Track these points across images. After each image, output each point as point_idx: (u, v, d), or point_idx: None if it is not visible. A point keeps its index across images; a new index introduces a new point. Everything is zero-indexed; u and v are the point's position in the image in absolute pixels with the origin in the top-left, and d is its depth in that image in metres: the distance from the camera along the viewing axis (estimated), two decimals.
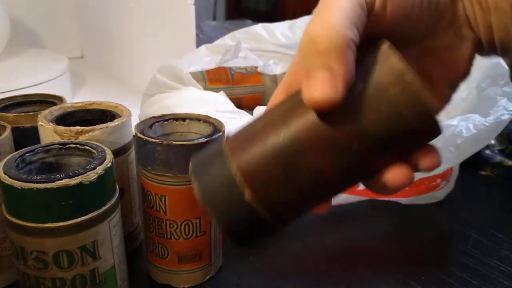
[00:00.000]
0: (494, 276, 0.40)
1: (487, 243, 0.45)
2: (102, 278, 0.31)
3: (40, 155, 0.31)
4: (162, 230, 0.36)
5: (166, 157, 0.33)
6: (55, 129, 0.34)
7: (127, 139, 0.38)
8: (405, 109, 0.22)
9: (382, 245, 0.44)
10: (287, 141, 0.23)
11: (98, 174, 0.28)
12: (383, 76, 0.22)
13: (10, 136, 0.35)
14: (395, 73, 0.22)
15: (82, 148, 0.32)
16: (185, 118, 0.38)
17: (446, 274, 0.40)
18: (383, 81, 0.22)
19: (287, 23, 0.60)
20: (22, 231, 0.28)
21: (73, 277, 0.29)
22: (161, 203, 0.35)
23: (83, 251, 0.29)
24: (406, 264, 0.41)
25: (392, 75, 0.22)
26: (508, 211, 0.52)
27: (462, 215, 0.50)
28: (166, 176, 0.34)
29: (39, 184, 0.26)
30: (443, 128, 0.23)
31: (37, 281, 0.29)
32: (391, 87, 0.22)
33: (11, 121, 0.39)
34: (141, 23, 0.85)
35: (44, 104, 0.43)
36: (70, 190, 0.27)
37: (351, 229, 0.47)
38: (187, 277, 0.38)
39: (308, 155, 0.23)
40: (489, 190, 0.56)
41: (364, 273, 0.40)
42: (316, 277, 0.40)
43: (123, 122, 0.37)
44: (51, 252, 0.28)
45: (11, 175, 0.27)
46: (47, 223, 0.27)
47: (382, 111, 0.22)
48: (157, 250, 0.37)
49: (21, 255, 0.29)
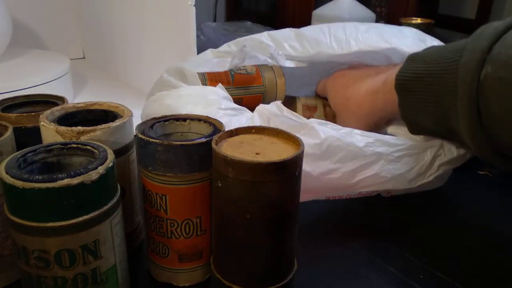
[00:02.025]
0: (494, 276, 0.40)
1: (486, 242, 0.45)
2: (104, 277, 0.31)
3: (42, 155, 0.32)
4: (163, 229, 0.36)
5: (166, 157, 0.33)
6: (57, 129, 0.34)
7: (128, 139, 0.38)
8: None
9: (381, 245, 0.45)
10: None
11: (99, 173, 0.28)
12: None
13: (12, 136, 0.35)
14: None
15: (83, 148, 0.32)
16: (186, 118, 0.38)
17: (445, 274, 0.40)
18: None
19: (293, 31, 0.59)
20: (24, 231, 0.28)
21: (74, 276, 0.29)
22: (162, 202, 0.35)
23: (85, 250, 0.29)
24: (405, 264, 0.42)
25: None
26: (506, 211, 0.52)
27: (460, 215, 0.50)
28: (167, 176, 0.34)
29: (41, 183, 0.27)
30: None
31: (38, 280, 0.29)
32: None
33: (13, 121, 0.39)
34: (142, 24, 0.85)
35: (46, 105, 0.44)
36: (71, 190, 0.27)
37: (349, 227, 0.48)
38: (188, 275, 0.38)
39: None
40: (487, 190, 0.57)
41: (363, 272, 0.40)
42: (311, 275, 0.40)
43: (125, 122, 0.37)
44: (52, 251, 0.28)
45: (13, 174, 0.27)
46: (49, 222, 0.28)
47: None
48: (158, 249, 0.37)
49: (23, 254, 0.29)
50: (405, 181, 0.47)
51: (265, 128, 0.35)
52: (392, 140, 0.46)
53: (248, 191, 0.30)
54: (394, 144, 0.46)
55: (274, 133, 0.35)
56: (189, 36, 0.71)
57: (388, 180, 0.46)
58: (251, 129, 0.35)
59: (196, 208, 0.35)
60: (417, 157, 0.47)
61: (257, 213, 0.31)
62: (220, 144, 0.33)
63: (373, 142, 0.45)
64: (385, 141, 0.46)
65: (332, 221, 0.49)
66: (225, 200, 0.32)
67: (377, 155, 0.45)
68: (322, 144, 0.43)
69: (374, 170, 0.45)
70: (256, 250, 0.32)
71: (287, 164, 0.30)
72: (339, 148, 0.44)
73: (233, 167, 0.30)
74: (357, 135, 0.45)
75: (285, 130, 0.35)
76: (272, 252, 0.32)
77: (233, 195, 0.31)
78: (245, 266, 0.33)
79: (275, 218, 0.31)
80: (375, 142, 0.45)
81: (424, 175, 0.47)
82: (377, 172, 0.45)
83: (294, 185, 0.32)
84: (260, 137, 0.34)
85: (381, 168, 0.45)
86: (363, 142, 0.45)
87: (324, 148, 0.43)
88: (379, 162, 0.45)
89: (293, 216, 0.32)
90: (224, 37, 1.16)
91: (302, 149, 0.31)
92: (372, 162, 0.45)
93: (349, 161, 0.44)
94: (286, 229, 0.32)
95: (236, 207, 0.31)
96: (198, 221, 0.36)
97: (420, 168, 0.47)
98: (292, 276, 0.35)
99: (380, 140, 0.46)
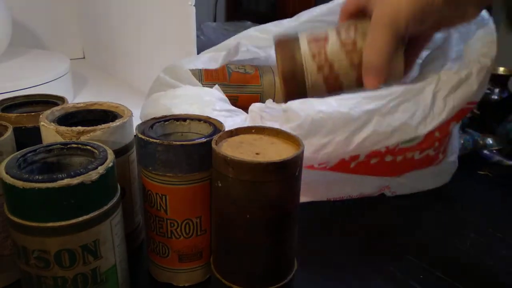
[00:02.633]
0: (493, 276, 0.40)
1: (486, 242, 0.45)
2: (104, 277, 0.31)
3: (42, 155, 0.32)
4: (163, 229, 0.36)
5: (166, 157, 0.33)
6: (57, 129, 0.34)
7: (128, 139, 0.38)
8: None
9: (381, 245, 0.45)
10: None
11: (99, 174, 0.28)
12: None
13: (12, 136, 0.35)
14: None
15: (83, 148, 0.32)
16: (186, 118, 0.38)
17: (445, 273, 0.40)
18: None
19: (287, 21, 0.59)
20: (24, 231, 0.28)
21: (74, 276, 0.29)
22: (162, 202, 0.35)
23: (85, 250, 0.29)
24: (405, 264, 0.42)
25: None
26: (506, 211, 0.52)
27: (461, 215, 0.50)
28: (167, 176, 0.34)
29: (41, 183, 0.27)
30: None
31: (38, 280, 0.29)
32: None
33: (13, 121, 0.39)
34: (142, 24, 0.85)
35: (46, 105, 0.44)
36: (71, 190, 0.27)
37: (349, 227, 0.48)
38: (188, 275, 0.38)
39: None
40: (487, 190, 0.57)
41: (363, 273, 0.40)
42: (312, 275, 0.40)
43: (124, 122, 0.37)
44: (52, 251, 0.28)
45: (13, 174, 0.27)
46: (49, 222, 0.28)
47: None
48: (158, 249, 0.37)
49: (23, 254, 0.29)
50: (411, 129, 0.44)
51: (265, 128, 0.35)
52: (381, 92, 0.43)
53: (248, 191, 0.30)
54: (383, 96, 0.43)
55: (274, 133, 0.35)
56: (189, 36, 0.71)
57: (391, 134, 0.43)
58: (251, 129, 0.35)
59: (196, 208, 0.35)
60: (415, 100, 0.43)
61: (257, 213, 0.31)
62: (220, 144, 0.33)
63: (358, 102, 0.43)
64: (373, 96, 0.43)
65: (333, 221, 0.49)
66: (225, 200, 0.32)
67: (368, 113, 0.43)
68: (304, 123, 0.42)
69: (370, 129, 0.43)
70: (256, 250, 0.32)
71: (287, 164, 0.30)
72: (323, 120, 0.42)
73: (233, 167, 0.30)
74: (340, 100, 0.42)
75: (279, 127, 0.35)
76: (272, 252, 0.32)
77: (233, 195, 0.31)
78: (245, 266, 0.33)
79: (275, 218, 0.31)
80: (360, 101, 0.43)
81: (432, 116, 0.44)
82: (374, 129, 0.43)
83: (294, 185, 0.32)
84: (260, 137, 0.34)
85: (378, 124, 0.43)
86: (348, 106, 0.42)
87: (307, 126, 0.42)
88: (372, 119, 0.43)
89: (293, 216, 0.32)
90: (224, 37, 1.16)
91: (302, 149, 0.31)
92: (365, 122, 0.43)
93: (338, 129, 0.42)
94: (286, 229, 0.32)
95: (236, 207, 0.31)
96: (198, 221, 0.36)
97: (424, 110, 0.43)
98: (292, 276, 0.35)
99: (366, 97, 0.43)
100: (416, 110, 0.44)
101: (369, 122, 0.43)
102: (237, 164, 0.30)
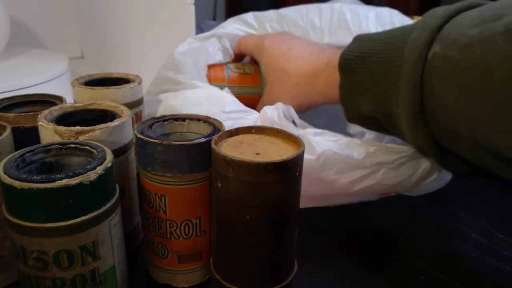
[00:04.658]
0: (493, 276, 0.40)
1: (487, 243, 0.45)
2: (102, 277, 0.31)
3: (40, 155, 0.31)
4: (162, 229, 0.36)
5: (166, 157, 0.33)
6: (55, 129, 0.34)
7: (127, 139, 0.38)
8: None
9: (381, 245, 0.44)
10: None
11: (98, 174, 0.28)
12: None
13: (10, 136, 0.35)
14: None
15: (82, 148, 0.32)
16: (185, 118, 0.38)
17: (445, 274, 0.40)
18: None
19: (275, 13, 0.60)
20: (22, 231, 0.28)
21: (73, 277, 0.29)
22: (161, 203, 0.35)
23: (83, 251, 0.29)
24: (405, 264, 0.41)
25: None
26: (507, 211, 0.52)
27: (461, 215, 0.50)
28: (166, 176, 0.34)
29: (39, 184, 0.26)
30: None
31: (37, 281, 0.29)
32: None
33: (11, 121, 0.39)
34: (141, 23, 0.85)
35: (44, 104, 0.43)
36: (70, 190, 0.27)
37: (349, 228, 0.47)
38: (187, 276, 0.38)
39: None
40: (488, 190, 0.57)
41: (363, 273, 0.40)
42: (312, 276, 0.40)
43: (123, 122, 0.37)
44: (51, 252, 0.28)
45: (11, 175, 0.27)
46: (47, 223, 0.27)
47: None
48: (157, 249, 0.37)
49: (21, 255, 0.29)
50: (408, 185, 0.45)
51: (265, 128, 0.35)
52: (396, 148, 0.45)
53: (248, 191, 0.30)
54: (397, 152, 0.44)
55: (274, 133, 0.34)
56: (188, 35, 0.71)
57: (390, 187, 0.45)
58: (251, 129, 0.35)
59: (196, 209, 0.35)
60: (418, 161, 0.45)
61: (257, 214, 0.31)
62: (219, 144, 0.33)
63: (374, 152, 0.44)
64: (388, 149, 0.44)
65: (333, 222, 0.48)
66: (224, 201, 0.31)
67: (378, 164, 0.44)
68: (318, 160, 0.43)
69: (375, 180, 0.44)
70: (256, 251, 0.32)
71: (287, 164, 0.30)
72: (336, 161, 0.43)
73: (233, 167, 0.29)
74: (356, 145, 0.44)
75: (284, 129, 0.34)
76: (272, 253, 0.32)
77: (233, 195, 0.31)
78: (245, 267, 0.33)
79: (275, 219, 0.31)
80: (376, 151, 0.44)
81: (428, 176, 0.46)
82: (378, 181, 0.44)
83: (294, 186, 0.32)
84: (260, 137, 0.34)
85: (383, 177, 0.44)
86: (362, 154, 0.44)
87: (320, 163, 0.43)
88: (380, 171, 0.44)
89: (293, 216, 0.32)
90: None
91: (302, 149, 0.31)
92: (373, 172, 0.44)
93: (347, 172, 0.43)
94: (286, 230, 0.32)
95: (236, 208, 0.31)
96: (198, 221, 0.36)
97: (423, 170, 0.45)
98: (292, 277, 0.34)
99: (382, 148, 0.44)
100: (416, 171, 0.45)
101: (376, 172, 0.44)
102: (237, 164, 0.29)
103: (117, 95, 0.44)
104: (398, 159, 0.44)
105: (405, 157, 0.45)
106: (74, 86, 0.45)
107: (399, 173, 0.45)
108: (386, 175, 0.44)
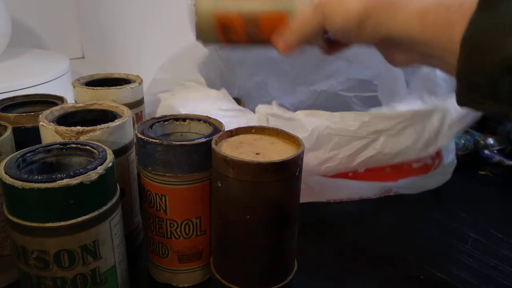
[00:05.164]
0: (493, 276, 0.40)
1: (486, 243, 0.45)
2: (103, 277, 0.31)
3: (41, 155, 0.32)
4: (162, 229, 0.36)
5: (166, 157, 0.33)
6: (56, 129, 0.34)
7: (128, 139, 0.38)
8: None
9: (381, 245, 0.44)
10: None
11: (99, 174, 0.28)
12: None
13: (11, 136, 0.35)
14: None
15: (83, 148, 0.32)
16: (185, 118, 0.38)
17: (445, 274, 0.40)
18: None
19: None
20: (23, 231, 0.28)
21: (74, 276, 0.29)
22: (161, 202, 0.35)
23: (84, 250, 0.29)
24: (405, 264, 0.41)
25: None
26: (507, 211, 0.52)
27: (462, 215, 0.50)
28: (166, 176, 0.34)
29: (40, 184, 0.27)
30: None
31: (38, 280, 0.29)
32: None
33: (12, 121, 0.39)
34: (141, 24, 0.85)
35: (45, 104, 0.44)
36: (71, 190, 0.27)
37: (349, 227, 0.47)
38: (188, 276, 0.38)
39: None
40: (488, 190, 0.57)
41: (363, 272, 0.40)
42: (311, 276, 0.40)
43: (124, 122, 0.37)
44: (52, 252, 0.28)
45: (12, 175, 0.27)
46: (48, 222, 0.27)
47: None
48: (157, 249, 0.37)
49: (22, 255, 0.29)
50: (414, 151, 0.44)
51: (265, 128, 0.35)
52: (391, 114, 0.42)
53: (248, 191, 0.30)
54: (393, 117, 0.42)
55: (274, 133, 0.35)
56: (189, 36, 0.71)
57: (395, 155, 0.43)
58: (251, 129, 0.35)
59: (196, 209, 0.35)
60: (422, 125, 0.43)
61: (257, 213, 0.31)
62: (220, 144, 0.33)
63: (369, 121, 0.42)
64: (384, 116, 0.42)
65: (333, 222, 0.49)
66: (225, 200, 0.31)
67: (376, 133, 0.42)
68: (311, 136, 0.42)
69: (376, 149, 0.43)
70: (256, 250, 0.32)
71: (287, 164, 0.30)
72: (330, 136, 0.42)
73: (233, 167, 0.30)
74: (349, 117, 0.42)
75: (284, 129, 0.35)
76: (272, 252, 0.32)
77: (233, 195, 0.31)
78: (245, 266, 0.33)
79: (275, 218, 0.31)
80: (371, 120, 0.42)
81: (436, 141, 0.44)
82: (380, 150, 0.43)
83: (294, 185, 0.32)
84: (260, 137, 0.34)
85: (384, 145, 0.42)
86: (356, 124, 0.42)
87: (313, 140, 0.42)
88: (379, 139, 0.42)
89: (293, 216, 0.32)
90: None
91: (302, 149, 0.31)
92: (371, 141, 0.42)
93: (344, 146, 0.42)
94: (286, 229, 0.32)
95: (236, 207, 0.31)
96: (198, 221, 0.36)
97: (429, 135, 0.43)
98: (292, 277, 0.35)
99: (377, 116, 0.42)
100: (422, 134, 0.44)
101: (375, 141, 0.43)
102: (237, 164, 0.29)
103: (117, 96, 0.44)
104: (397, 125, 0.42)
105: (404, 121, 0.42)
106: (75, 86, 0.46)
107: (401, 139, 0.43)
108: (387, 143, 0.43)
